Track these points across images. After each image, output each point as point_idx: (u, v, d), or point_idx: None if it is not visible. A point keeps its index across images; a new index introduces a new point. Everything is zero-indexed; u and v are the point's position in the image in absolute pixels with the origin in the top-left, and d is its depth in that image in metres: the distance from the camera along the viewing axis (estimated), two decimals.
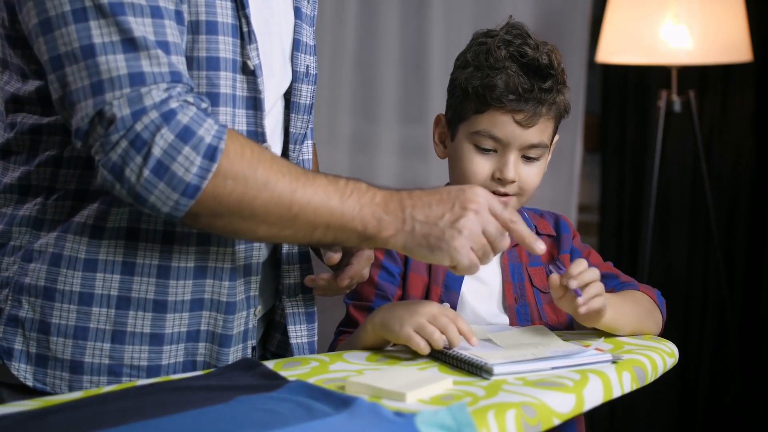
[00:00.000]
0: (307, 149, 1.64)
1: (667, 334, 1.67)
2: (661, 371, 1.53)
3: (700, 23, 2.88)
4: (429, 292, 1.67)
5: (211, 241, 1.46)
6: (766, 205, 3.19)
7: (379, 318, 1.52)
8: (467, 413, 1.20)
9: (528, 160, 1.67)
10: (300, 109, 1.59)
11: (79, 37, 1.32)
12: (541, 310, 1.69)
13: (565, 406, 1.33)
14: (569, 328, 1.71)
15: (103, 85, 1.32)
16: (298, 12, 1.60)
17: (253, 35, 1.46)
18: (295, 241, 1.50)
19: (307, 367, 1.44)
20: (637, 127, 3.34)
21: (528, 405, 1.28)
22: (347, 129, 3.56)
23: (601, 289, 1.53)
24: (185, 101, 1.35)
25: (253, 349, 1.54)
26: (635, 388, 1.46)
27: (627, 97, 3.36)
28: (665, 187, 3.21)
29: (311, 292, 1.61)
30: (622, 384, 1.43)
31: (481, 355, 1.43)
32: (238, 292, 1.49)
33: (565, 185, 3.30)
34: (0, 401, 1.43)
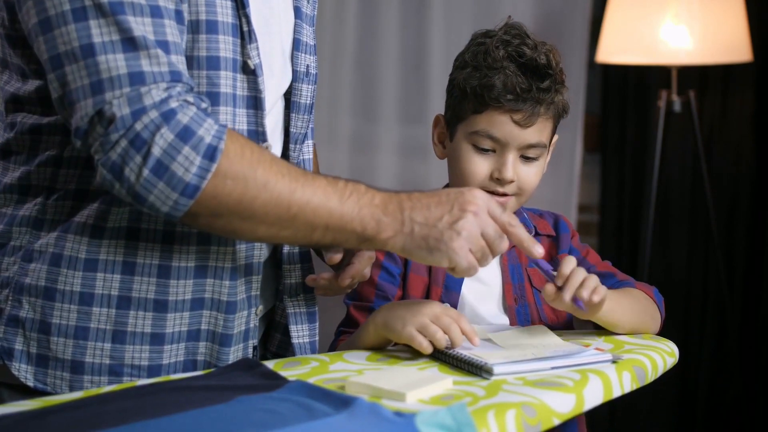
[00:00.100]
0: (308, 149, 1.64)
1: (667, 333, 1.67)
2: (661, 371, 1.52)
3: (700, 23, 2.88)
4: (429, 292, 1.67)
5: (212, 241, 1.46)
6: (766, 205, 3.19)
7: (381, 317, 1.52)
8: (467, 413, 1.20)
9: (527, 160, 1.67)
10: (300, 109, 1.59)
11: (78, 37, 1.32)
12: (540, 310, 1.69)
13: (565, 406, 1.32)
14: (569, 327, 1.71)
15: (103, 85, 1.32)
16: (298, 11, 1.60)
17: (253, 34, 1.46)
18: (295, 242, 1.50)
19: (307, 367, 1.43)
20: (637, 127, 3.34)
21: (528, 405, 1.28)
22: (347, 129, 3.55)
23: (596, 280, 1.53)
24: (185, 101, 1.35)
25: (255, 348, 1.54)
26: (635, 387, 1.46)
27: (627, 97, 3.36)
28: (665, 187, 3.21)
29: (312, 292, 1.61)
30: (622, 384, 1.43)
31: (481, 355, 1.43)
32: (239, 291, 1.49)
33: (565, 185, 3.30)
34: (0, 401, 1.43)
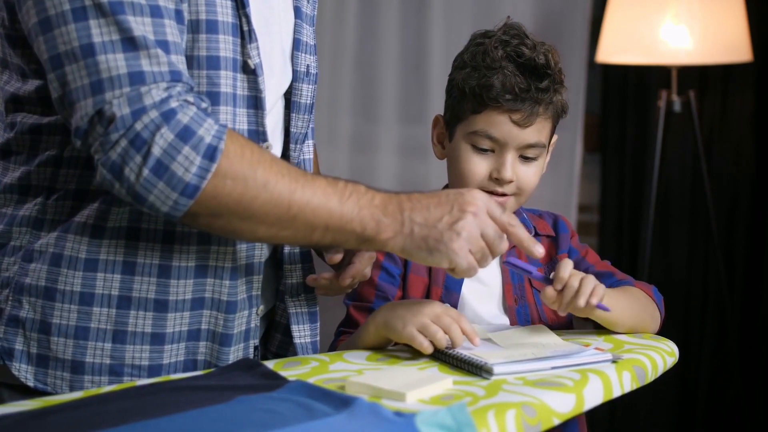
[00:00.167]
0: (308, 149, 1.64)
1: (666, 333, 1.67)
2: (661, 371, 1.52)
3: (700, 23, 2.88)
4: (429, 293, 1.67)
5: (212, 241, 1.46)
6: (766, 205, 3.19)
7: (381, 317, 1.52)
8: (467, 413, 1.20)
9: (526, 160, 1.66)
10: (300, 109, 1.59)
11: (78, 36, 1.32)
12: (540, 310, 1.69)
13: (565, 406, 1.32)
14: (569, 327, 1.71)
15: (103, 84, 1.32)
16: (298, 11, 1.59)
17: (253, 34, 1.46)
18: (295, 242, 1.50)
19: (307, 367, 1.43)
20: (637, 127, 3.34)
21: (528, 405, 1.28)
22: (347, 129, 3.55)
23: (594, 281, 1.53)
24: (185, 101, 1.35)
25: (256, 348, 1.54)
26: (635, 387, 1.46)
27: (627, 97, 3.36)
28: (665, 187, 3.21)
29: (314, 292, 1.61)
30: (622, 384, 1.43)
31: (481, 354, 1.43)
32: (239, 291, 1.49)
33: (565, 185, 3.30)
34: (0, 401, 1.43)
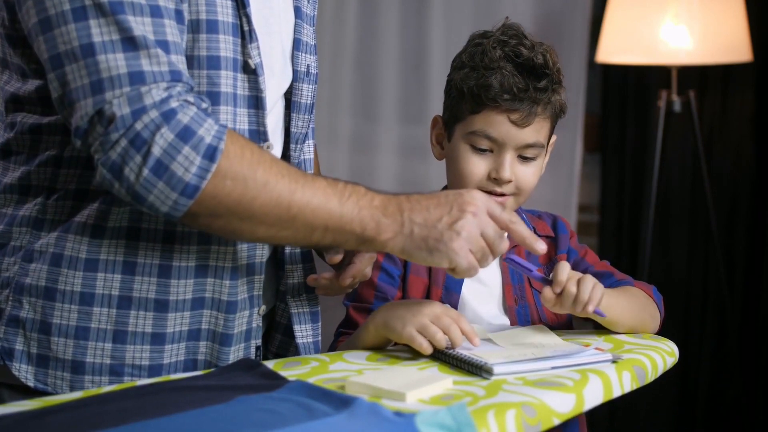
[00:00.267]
0: (309, 149, 1.64)
1: (666, 333, 1.67)
2: (661, 371, 1.52)
3: (700, 23, 2.88)
4: (429, 293, 1.67)
5: (212, 241, 1.46)
6: (766, 205, 3.19)
7: (381, 317, 1.52)
8: (467, 413, 1.20)
9: (524, 159, 1.67)
10: (301, 109, 1.59)
11: (78, 36, 1.32)
12: (540, 310, 1.69)
13: (565, 406, 1.32)
14: (569, 327, 1.71)
15: (103, 84, 1.32)
16: (298, 11, 1.59)
17: (253, 34, 1.46)
18: (294, 243, 1.50)
19: (307, 367, 1.43)
20: (637, 127, 3.34)
21: (528, 405, 1.28)
22: (347, 129, 3.55)
23: (593, 282, 1.53)
24: (185, 101, 1.35)
25: (258, 348, 1.54)
26: (635, 387, 1.46)
27: (627, 97, 3.36)
28: (665, 187, 3.21)
29: (315, 291, 1.61)
30: (622, 384, 1.43)
31: (481, 354, 1.43)
32: (240, 291, 1.49)
33: (565, 185, 3.30)
34: (0, 401, 1.43)
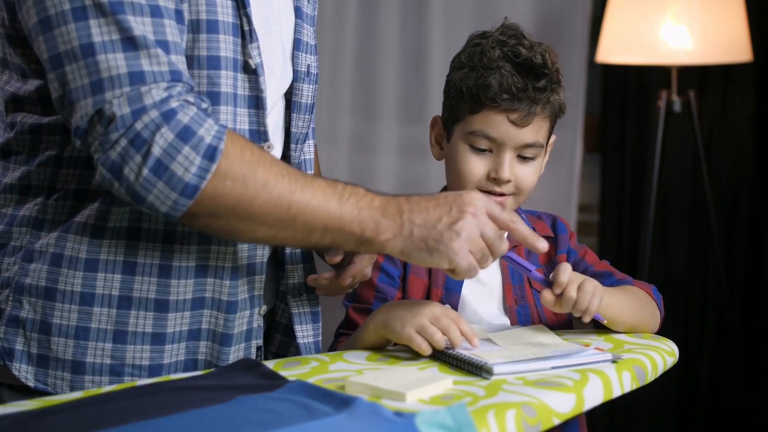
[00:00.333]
0: (309, 149, 1.64)
1: (666, 333, 1.67)
2: (661, 370, 1.53)
3: (700, 23, 2.88)
4: (429, 294, 1.67)
5: (213, 241, 1.46)
6: (766, 205, 3.19)
7: (380, 317, 1.52)
8: (467, 413, 1.20)
9: (524, 159, 1.67)
10: (301, 109, 1.59)
11: (78, 36, 1.32)
12: (540, 310, 1.69)
13: (565, 405, 1.32)
14: (569, 327, 1.71)
15: (103, 84, 1.32)
16: (298, 11, 1.59)
17: (254, 34, 1.46)
18: (294, 244, 1.50)
19: (307, 367, 1.43)
20: (637, 127, 3.34)
21: (528, 405, 1.28)
22: (347, 129, 3.55)
23: (593, 283, 1.53)
24: (185, 101, 1.35)
25: (259, 348, 1.54)
26: (635, 387, 1.46)
27: (627, 97, 3.36)
28: (665, 187, 3.21)
29: (315, 292, 1.61)
30: (622, 383, 1.43)
31: (481, 354, 1.43)
32: (240, 291, 1.49)
33: (565, 185, 3.30)
34: (0, 401, 1.43)
